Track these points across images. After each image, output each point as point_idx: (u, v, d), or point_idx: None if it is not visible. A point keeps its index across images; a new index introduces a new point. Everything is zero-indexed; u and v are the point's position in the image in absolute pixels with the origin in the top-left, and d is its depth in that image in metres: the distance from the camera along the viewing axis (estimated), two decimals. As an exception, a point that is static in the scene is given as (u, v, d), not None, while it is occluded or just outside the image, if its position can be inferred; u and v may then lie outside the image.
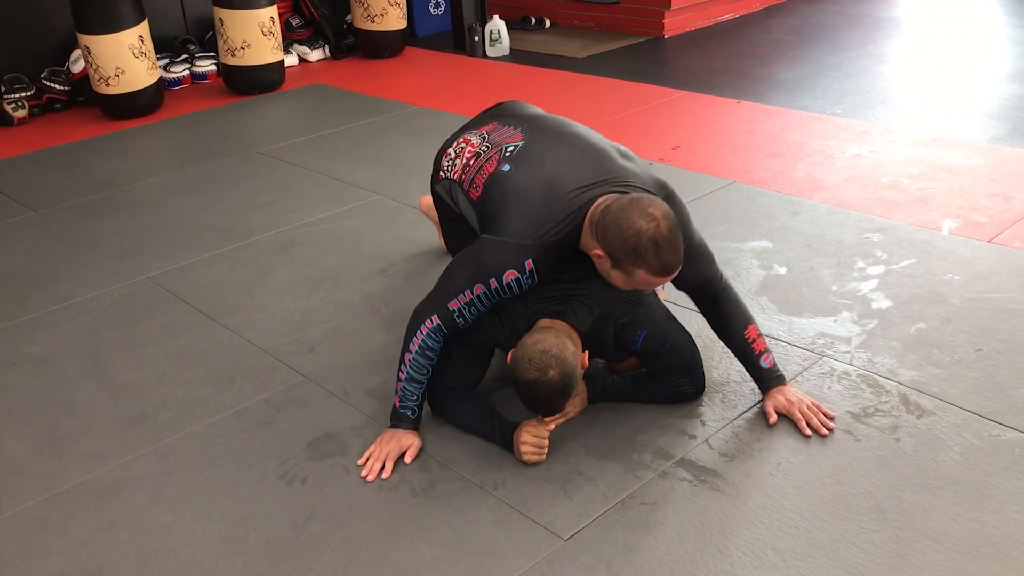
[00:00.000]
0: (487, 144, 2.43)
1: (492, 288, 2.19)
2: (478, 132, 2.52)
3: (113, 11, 5.12)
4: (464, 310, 2.23)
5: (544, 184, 2.22)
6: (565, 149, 2.32)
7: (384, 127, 5.00)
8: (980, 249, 3.17)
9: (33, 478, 2.35)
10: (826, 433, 2.31)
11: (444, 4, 7.24)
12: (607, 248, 2.10)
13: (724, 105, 5.00)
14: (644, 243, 2.03)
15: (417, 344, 2.27)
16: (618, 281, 2.16)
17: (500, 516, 2.11)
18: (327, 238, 3.64)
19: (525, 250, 2.16)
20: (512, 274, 2.16)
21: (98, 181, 4.45)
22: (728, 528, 2.03)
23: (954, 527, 1.99)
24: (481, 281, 2.19)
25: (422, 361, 2.28)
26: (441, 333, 2.27)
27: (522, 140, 2.37)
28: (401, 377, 2.31)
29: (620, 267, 2.10)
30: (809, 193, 3.74)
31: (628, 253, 2.06)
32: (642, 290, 2.24)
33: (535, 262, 2.16)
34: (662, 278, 2.10)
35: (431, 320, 2.25)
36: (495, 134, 2.45)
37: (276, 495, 2.23)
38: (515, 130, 2.43)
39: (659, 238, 2.03)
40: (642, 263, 2.06)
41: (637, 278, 2.10)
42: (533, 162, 2.29)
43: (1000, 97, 4.87)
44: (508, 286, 2.18)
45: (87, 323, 3.11)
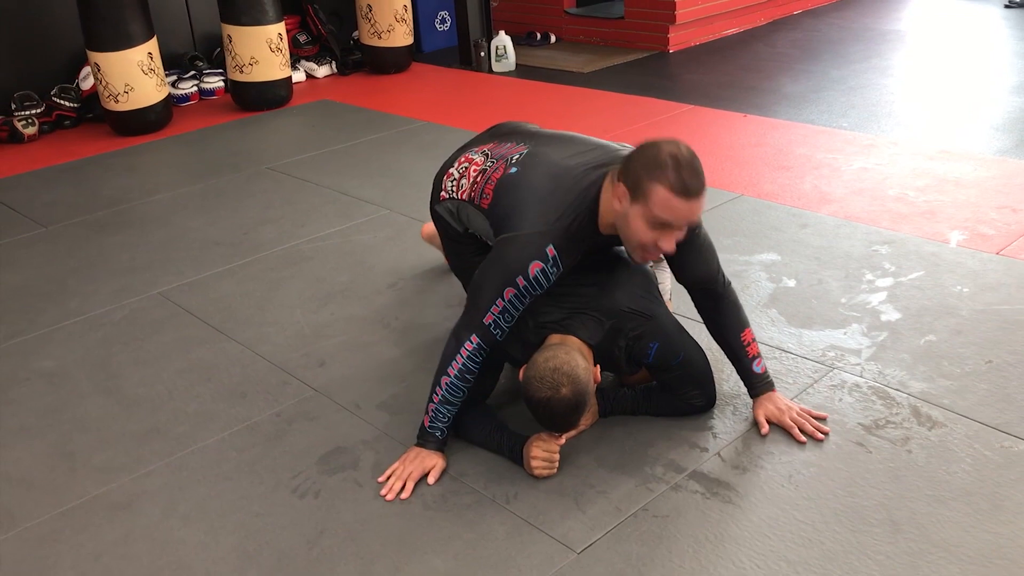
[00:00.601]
0: (492, 159, 2.46)
1: (521, 287, 2.17)
2: (479, 150, 2.55)
3: (122, 28, 5.16)
4: (499, 320, 2.22)
5: (552, 175, 2.25)
6: (568, 146, 2.37)
7: (391, 142, 5.02)
8: (988, 261, 3.18)
9: (46, 492, 2.36)
10: (821, 438, 2.33)
11: (450, 20, 7.28)
12: (628, 178, 2.08)
13: (730, 119, 5.02)
14: (665, 158, 2.02)
15: (457, 368, 2.26)
16: (638, 223, 2.08)
17: (513, 529, 2.11)
18: (336, 253, 3.66)
19: (544, 237, 2.16)
20: (537, 265, 2.15)
21: (108, 197, 4.47)
22: (741, 540, 2.03)
23: (967, 539, 1.99)
24: (509, 283, 2.18)
25: (459, 384, 2.27)
26: (482, 352, 2.25)
27: (526, 149, 2.41)
28: (435, 400, 2.30)
29: (640, 192, 2.05)
30: (817, 206, 3.75)
31: (649, 169, 2.03)
32: (664, 248, 2.13)
33: (556, 248, 2.15)
34: (681, 199, 2.03)
35: (470, 341, 2.24)
36: (498, 150, 2.49)
37: (289, 509, 2.23)
38: (517, 144, 2.46)
39: (680, 156, 2.03)
40: (662, 176, 2.02)
41: (656, 200, 2.03)
42: (539, 162, 2.33)
43: (1005, 110, 4.88)
44: (536, 280, 2.17)
45: (98, 338, 3.12)
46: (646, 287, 2.37)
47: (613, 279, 2.34)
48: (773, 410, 2.39)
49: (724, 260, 3.29)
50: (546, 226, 2.17)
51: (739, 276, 3.20)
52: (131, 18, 5.17)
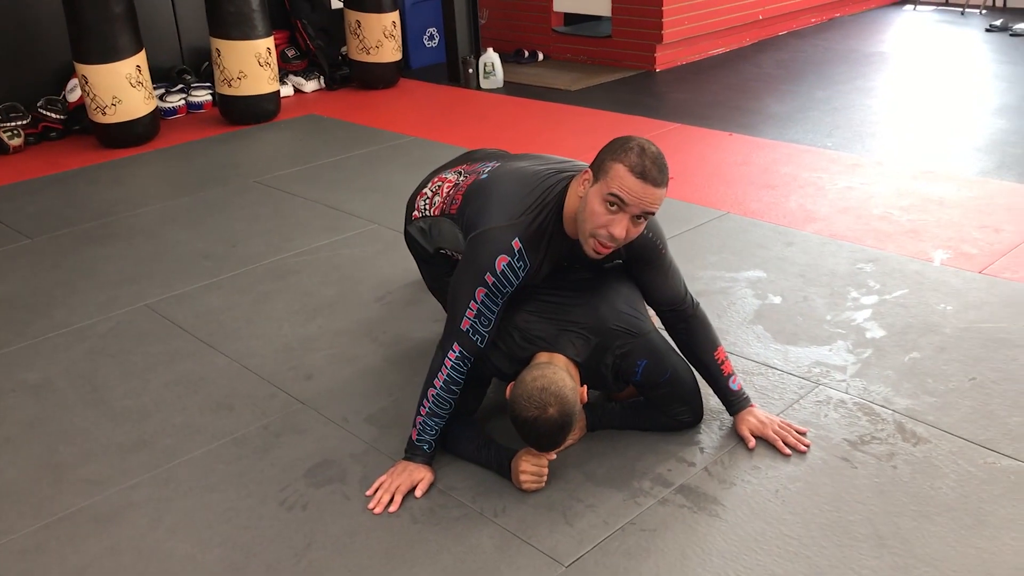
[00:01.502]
0: (464, 175, 2.52)
1: (491, 285, 2.20)
2: (453, 171, 2.62)
3: (111, 41, 5.16)
4: (476, 324, 2.24)
5: (519, 178, 2.32)
6: (538, 159, 2.46)
7: (379, 157, 5.03)
8: (972, 280, 3.21)
9: (31, 504, 2.34)
10: (804, 450, 2.35)
11: (438, 37, 7.32)
12: (595, 164, 2.14)
13: (716, 137, 5.06)
14: (632, 144, 2.09)
15: (442, 379, 2.28)
16: (595, 202, 2.10)
17: (501, 542, 2.11)
18: (324, 266, 3.66)
19: (508, 231, 2.20)
20: (503, 259, 2.18)
21: (94, 209, 4.46)
22: (728, 554, 2.04)
23: (952, 554, 2.00)
24: (479, 282, 2.20)
25: (446, 396, 2.29)
26: (465, 362, 2.27)
27: (498, 164, 2.48)
28: (422, 412, 2.31)
29: (601, 171, 2.10)
30: (802, 224, 3.79)
31: (614, 151, 2.10)
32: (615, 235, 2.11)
33: (522, 241, 2.19)
34: (638, 180, 2.05)
35: (452, 351, 2.26)
36: (471, 168, 2.55)
37: (276, 521, 2.23)
38: (489, 162, 2.54)
39: (647, 149, 2.09)
40: (624, 158, 2.07)
41: (614, 175, 2.07)
42: (509, 169, 2.41)
43: (988, 131, 4.95)
44: (504, 275, 2.19)
45: (84, 350, 3.11)
46: (633, 304, 2.38)
47: (600, 296, 2.35)
48: (755, 424, 2.41)
49: (710, 277, 3.33)
50: (510, 220, 2.21)
51: (725, 293, 3.23)
52: (119, 31, 5.18)
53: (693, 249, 3.58)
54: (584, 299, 2.34)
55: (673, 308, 2.43)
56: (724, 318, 3.06)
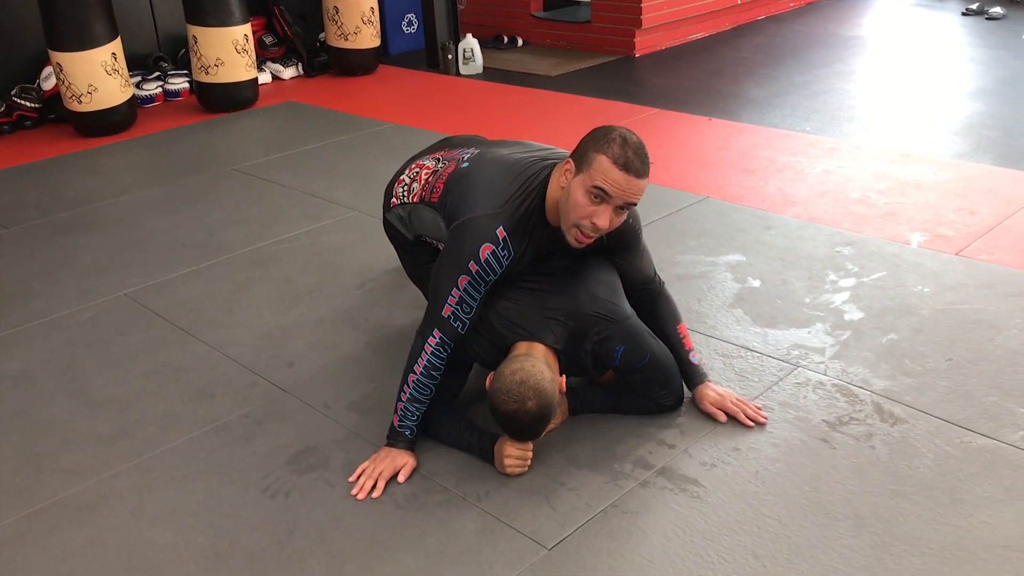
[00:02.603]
0: (443, 162, 2.51)
1: (474, 272, 2.20)
2: (431, 157, 2.61)
3: (86, 28, 5.10)
4: (458, 311, 2.24)
5: (501, 165, 2.32)
6: (518, 146, 2.46)
7: (359, 144, 5.01)
8: (948, 262, 3.25)
9: (11, 495, 2.33)
10: (763, 422, 2.42)
11: (417, 23, 7.29)
12: (577, 155, 2.15)
13: (695, 122, 5.07)
14: (614, 135, 2.11)
15: (423, 365, 2.28)
16: (578, 194, 2.12)
17: (484, 526, 2.12)
18: (305, 254, 3.65)
19: (493, 219, 2.20)
20: (487, 248, 2.19)
21: (71, 198, 4.42)
22: (709, 535, 2.06)
23: (929, 532, 2.03)
24: (463, 270, 2.20)
25: (426, 381, 2.29)
26: (445, 346, 2.28)
27: (477, 150, 2.48)
28: (403, 398, 2.32)
29: (584, 163, 2.12)
30: (781, 208, 3.81)
31: (597, 141, 2.11)
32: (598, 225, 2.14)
33: (506, 230, 2.20)
34: (621, 172, 2.08)
35: (433, 337, 2.27)
36: (449, 154, 2.54)
37: (259, 509, 2.23)
38: (468, 148, 2.53)
39: (629, 139, 2.11)
40: (607, 149, 2.09)
41: (597, 167, 2.09)
42: (489, 157, 2.40)
43: (964, 114, 4.98)
44: (487, 264, 2.20)
45: (63, 340, 3.09)
46: (611, 290, 2.39)
47: (579, 283, 2.36)
48: (716, 397, 2.46)
49: (690, 261, 3.35)
50: (495, 209, 2.22)
51: (705, 277, 3.24)
52: (94, 18, 5.11)
53: (673, 234, 3.60)
54: (563, 286, 2.35)
55: (645, 287, 2.49)
56: (704, 302, 3.07)
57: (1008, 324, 2.83)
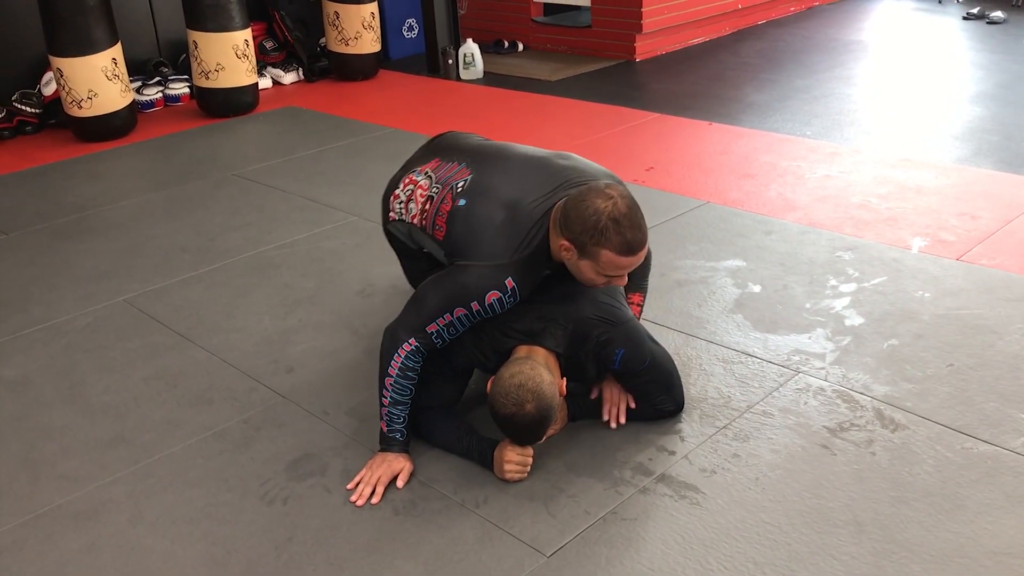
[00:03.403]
0: (436, 184, 2.44)
1: (474, 310, 2.22)
2: (422, 170, 2.53)
3: (86, 33, 5.11)
4: (443, 331, 2.25)
5: (504, 206, 2.27)
6: (512, 171, 2.38)
7: (359, 149, 5.01)
8: (949, 267, 3.24)
9: (9, 502, 2.32)
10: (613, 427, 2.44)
11: (418, 28, 7.29)
12: (571, 236, 2.15)
13: (696, 127, 5.07)
14: (604, 221, 2.09)
15: (397, 367, 2.27)
16: (588, 272, 2.18)
17: (483, 533, 2.11)
18: (304, 259, 3.64)
19: (503, 270, 2.19)
20: (494, 295, 2.19)
21: (71, 204, 4.42)
22: (709, 542, 2.05)
23: (930, 538, 2.02)
24: (461, 305, 2.21)
25: (404, 383, 2.29)
26: (420, 354, 2.28)
27: (469, 174, 2.39)
28: (384, 402, 2.31)
29: (586, 252, 2.14)
30: (781, 213, 3.80)
31: (590, 234, 2.11)
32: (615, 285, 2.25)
33: (515, 280, 2.20)
34: (627, 257, 2.13)
35: (408, 343, 2.26)
36: (440, 171, 2.47)
37: (257, 516, 2.22)
38: (459, 165, 2.45)
39: (618, 215, 2.10)
40: (605, 242, 2.10)
41: (604, 261, 2.13)
42: (487, 190, 2.33)
43: (965, 119, 4.98)
44: (490, 307, 2.21)
45: (62, 346, 3.08)
46: (611, 293, 2.39)
47: (578, 286, 2.35)
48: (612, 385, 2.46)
49: (690, 266, 3.35)
50: (506, 259, 2.20)
51: (705, 282, 3.23)
52: (95, 23, 5.12)
53: (673, 239, 3.59)
54: (563, 289, 2.34)
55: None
56: (704, 307, 3.06)
57: (1009, 329, 2.82)
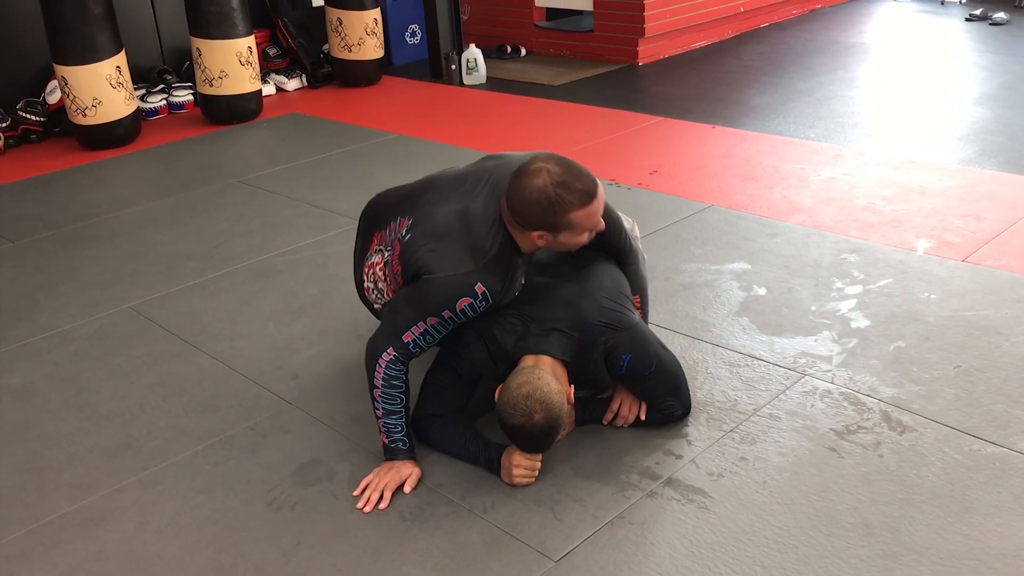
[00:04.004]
0: (387, 249, 2.41)
1: (446, 317, 2.21)
2: (374, 249, 2.50)
3: (90, 42, 5.12)
4: (419, 340, 2.24)
5: (454, 218, 2.25)
6: (445, 191, 2.34)
7: (363, 155, 5.02)
8: (955, 268, 3.23)
9: (16, 510, 2.32)
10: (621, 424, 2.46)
11: (420, 33, 7.30)
12: (537, 225, 2.15)
13: (699, 130, 5.07)
14: (552, 192, 2.10)
15: (380, 378, 2.27)
16: (570, 240, 2.19)
17: (490, 539, 2.11)
18: (309, 265, 3.65)
19: (471, 276, 2.18)
20: (465, 301, 2.18)
21: (76, 211, 4.43)
22: (717, 546, 2.04)
23: (939, 541, 2.01)
24: (433, 313, 2.20)
25: (391, 392, 2.28)
26: (400, 363, 2.27)
27: (409, 219, 2.35)
28: (378, 414, 2.31)
29: (560, 227, 2.15)
30: (786, 215, 3.80)
31: (551, 211, 2.11)
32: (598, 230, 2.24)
33: (485, 284, 2.18)
34: (594, 203, 2.14)
35: (387, 353, 2.26)
36: (385, 238, 2.44)
37: (264, 522, 2.22)
38: (396, 220, 2.41)
39: (558, 177, 2.10)
40: (567, 207, 2.11)
41: (576, 222, 2.14)
42: (429, 216, 2.30)
43: (968, 120, 4.97)
44: (463, 312, 2.20)
45: (68, 353, 3.09)
46: (615, 297, 2.38)
47: (582, 291, 2.34)
48: (631, 399, 2.46)
49: (695, 270, 3.34)
50: (471, 265, 2.18)
51: (711, 285, 3.23)
52: (99, 31, 5.14)
53: (678, 242, 3.59)
54: (565, 296, 2.34)
55: (614, 250, 2.50)
56: (710, 310, 3.06)
57: (1016, 331, 2.81)
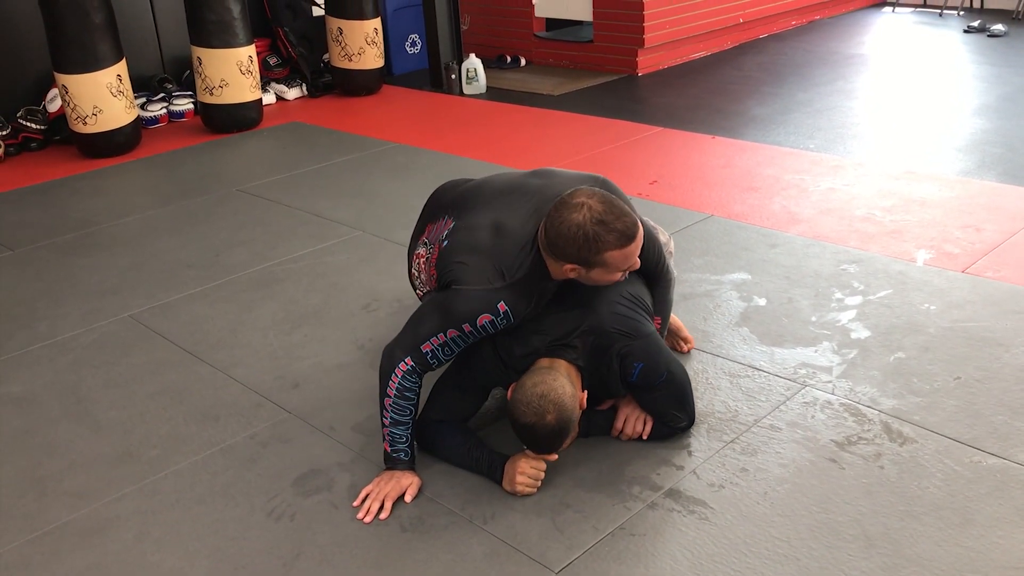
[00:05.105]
0: (431, 247, 2.45)
1: (466, 332, 2.21)
2: (421, 240, 2.55)
3: (91, 50, 5.13)
4: (438, 351, 2.25)
5: (488, 232, 2.27)
6: (487, 203, 2.37)
7: (363, 164, 5.02)
8: (954, 279, 3.23)
9: (15, 519, 2.32)
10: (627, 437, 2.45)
11: (420, 43, 7.32)
12: (570, 258, 2.15)
13: (699, 141, 5.08)
14: (590, 229, 2.09)
15: (395, 387, 2.27)
16: (603, 277, 2.19)
17: (491, 550, 2.11)
18: (309, 274, 3.65)
19: (496, 294, 2.19)
20: (486, 317, 2.19)
21: (76, 220, 4.43)
22: (718, 558, 2.04)
23: (940, 553, 2.01)
24: (454, 326, 2.21)
25: (402, 403, 2.28)
26: (416, 374, 2.27)
27: (452, 223, 2.40)
28: (385, 423, 2.31)
29: (594, 264, 2.15)
30: (785, 226, 3.80)
31: (586, 248, 2.11)
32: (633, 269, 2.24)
33: (508, 303, 2.19)
34: (630, 246, 2.13)
35: (404, 363, 2.26)
36: (432, 234, 2.48)
37: (264, 532, 2.21)
38: (443, 219, 2.46)
39: (599, 215, 2.09)
40: (603, 246, 2.10)
41: (611, 261, 2.14)
42: (468, 226, 2.33)
43: (967, 131, 4.98)
44: (483, 328, 2.21)
45: (68, 362, 3.08)
46: (633, 306, 2.36)
47: (599, 296, 2.33)
48: (636, 413, 2.45)
49: (695, 280, 3.34)
50: (497, 283, 2.19)
51: (711, 296, 3.23)
52: (100, 40, 5.15)
53: (678, 252, 3.58)
54: (582, 299, 2.32)
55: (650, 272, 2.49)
56: (710, 320, 3.06)
57: (1016, 342, 2.81)
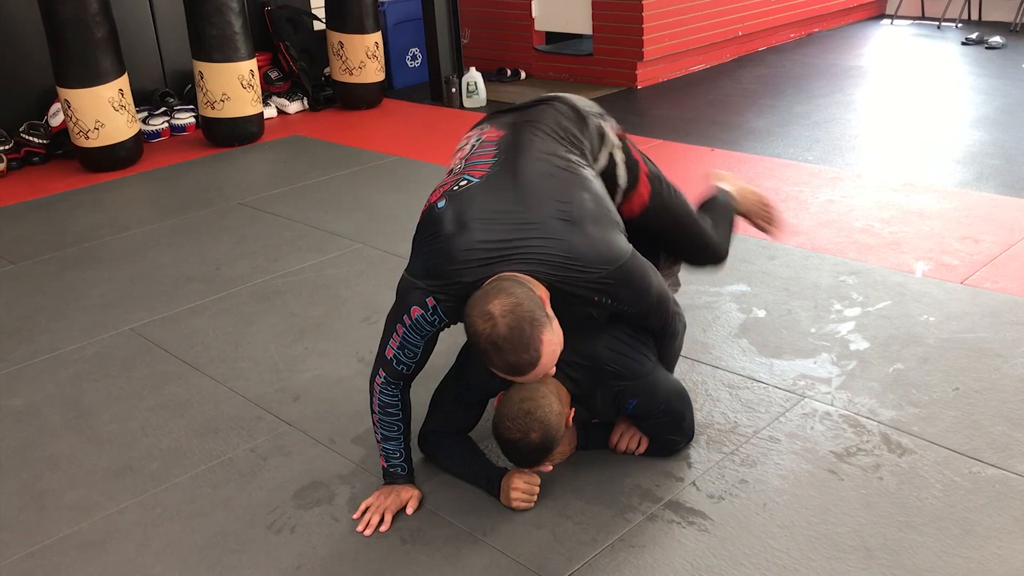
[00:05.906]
0: (461, 164, 2.28)
1: (408, 325, 2.16)
2: (479, 132, 2.37)
3: (93, 65, 5.16)
4: (399, 354, 2.20)
5: (453, 234, 2.10)
6: (501, 198, 2.14)
7: (364, 177, 5.04)
8: (953, 291, 3.24)
9: (16, 532, 2.32)
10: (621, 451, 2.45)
11: (421, 57, 7.35)
12: None
13: (698, 153, 5.10)
14: (483, 345, 1.99)
15: (376, 403, 2.28)
16: None
17: (490, 562, 2.11)
18: (310, 287, 3.66)
19: (422, 291, 2.12)
20: (416, 310, 2.13)
21: (78, 233, 4.45)
22: (717, 570, 2.04)
23: (939, 564, 2.01)
24: (398, 320, 2.18)
25: (387, 420, 2.29)
26: (392, 385, 2.26)
27: (479, 176, 2.19)
28: (377, 439, 2.32)
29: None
30: (784, 238, 3.81)
31: (478, 353, 2.03)
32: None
33: (437, 301, 2.11)
34: (520, 377, 2.04)
35: (379, 376, 2.26)
36: (476, 153, 2.28)
37: (264, 545, 2.22)
38: (490, 158, 2.24)
39: (496, 339, 1.96)
40: (490, 364, 2.03)
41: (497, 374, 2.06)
42: (463, 207, 2.14)
43: (966, 143, 5.00)
44: (417, 322, 2.14)
45: (69, 375, 3.09)
46: (634, 345, 2.28)
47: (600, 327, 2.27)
48: (632, 433, 2.45)
49: (695, 291, 3.35)
50: (424, 284, 2.12)
51: (710, 307, 3.24)
52: (102, 54, 5.17)
53: (677, 264, 3.59)
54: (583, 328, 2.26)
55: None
56: (709, 332, 3.07)
57: (1014, 353, 2.82)
